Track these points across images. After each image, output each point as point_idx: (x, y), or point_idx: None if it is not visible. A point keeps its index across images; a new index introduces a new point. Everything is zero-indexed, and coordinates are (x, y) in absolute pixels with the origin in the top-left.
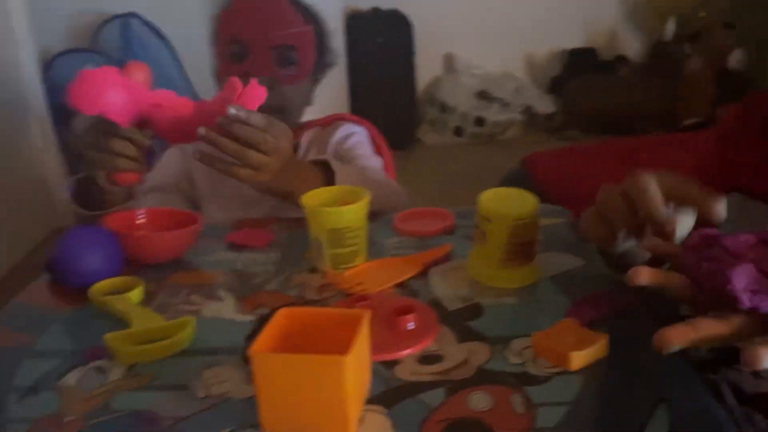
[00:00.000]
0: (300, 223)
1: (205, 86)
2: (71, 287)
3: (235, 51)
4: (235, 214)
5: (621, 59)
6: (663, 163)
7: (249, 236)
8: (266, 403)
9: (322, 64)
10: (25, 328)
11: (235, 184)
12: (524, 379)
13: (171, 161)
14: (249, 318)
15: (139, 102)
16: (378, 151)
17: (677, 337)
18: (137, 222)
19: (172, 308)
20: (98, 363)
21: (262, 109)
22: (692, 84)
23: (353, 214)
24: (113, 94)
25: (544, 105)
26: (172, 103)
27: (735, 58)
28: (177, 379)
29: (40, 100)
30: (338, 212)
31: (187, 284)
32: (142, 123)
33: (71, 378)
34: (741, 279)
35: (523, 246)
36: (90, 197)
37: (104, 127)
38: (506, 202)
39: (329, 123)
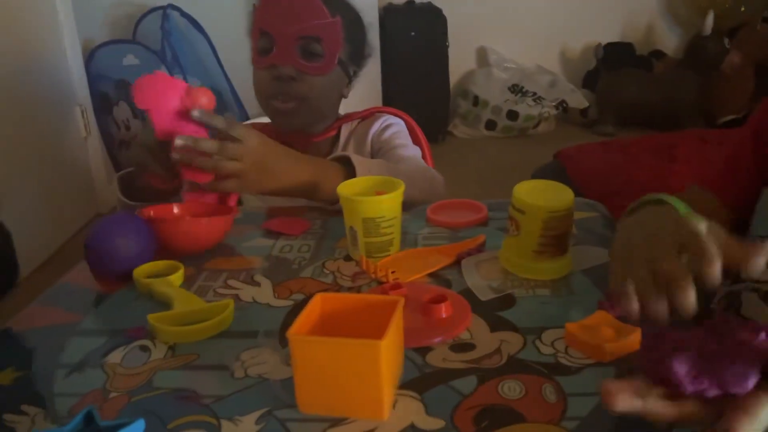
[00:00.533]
0: (334, 213)
1: (242, 78)
2: (104, 275)
3: (262, 43)
4: (274, 203)
5: (657, 54)
6: (698, 159)
7: (285, 224)
8: (302, 385)
9: (358, 57)
10: (72, 308)
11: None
12: (556, 369)
13: None
14: (285, 303)
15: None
16: (416, 142)
17: (623, 401)
18: (175, 213)
19: (211, 291)
20: (141, 342)
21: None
22: (730, 80)
23: (388, 203)
24: (169, 103)
25: (578, 99)
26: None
27: None
28: (216, 359)
29: (83, 90)
30: (373, 201)
31: (225, 269)
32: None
33: (116, 356)
34: (682, 365)
35: (556, 238)
36: (135, 189)
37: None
38: (541, 194)
39: (368, 116)
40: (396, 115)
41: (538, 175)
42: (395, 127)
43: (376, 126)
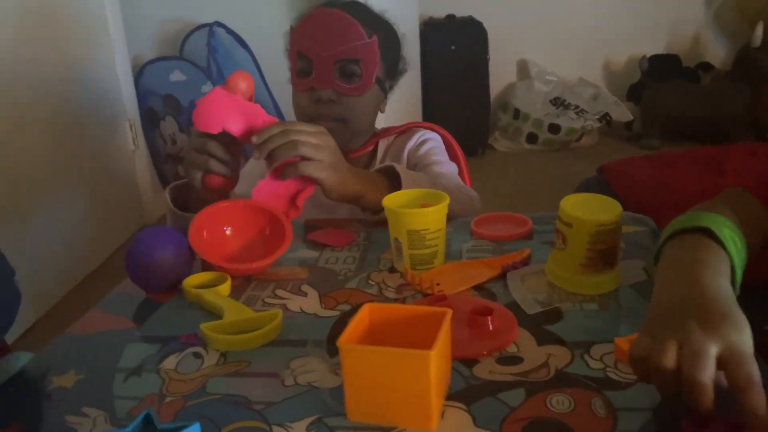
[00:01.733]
0: (378, 225)
1: (285, 93)
2: (145, 288)
3: (301, 65)
4: (309, 215)
5: (704, 65)
6: (748, 173)
7: (330, 235)
8: (352, 393)
9: (394, 72)
10: (128, 315)
11: (320, 191)
12: (605, 384)
13: (253, 170)
14: (331, 313)
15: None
16: (453, 158)
17: None
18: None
19: (259, 301)
20: (194, 349)
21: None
22: None
23: (433, 216)
24: (228, 116)
25: (622, 112)
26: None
27: None
28: (267, 367)
29: (131, 105)
30: (418, 214)
31: (272, 279)
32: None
33: (170, 362)
34: None
35: (604, 252)
36: (187, 200)
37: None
38: (588, 208)
39: (404, 131)
40: (433, 130)
41: (582, 189)
42: (432, 143)
43: (413, 141)
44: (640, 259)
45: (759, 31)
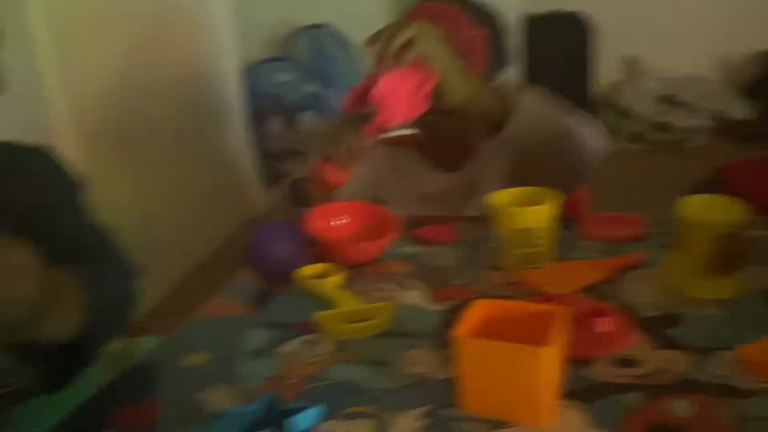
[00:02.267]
0: (482, 222)
1: None
2: (265, 276)
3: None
4: (411, 210)
5: None
6: None
7: (434, 232)
8: (466, 386)
9: (497, 64)
10: (247, 302)
11: (416, 181)
12: (729, 391)
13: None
14: (439, 308)
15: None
16: None
17: None
18: (335, 223)
19: (368, 294)
20: (310, 337)
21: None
22: None
23: (542, 215)
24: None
25: (739, 110)
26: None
27: None
28: (379, 356)
29: (240, 104)
30: (527, 212)
31: (380, 273)
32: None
33: (289, 347)
34: None
35: (728, 256)
36: (300, 196)
37: (343, 123)
38: (711, 209)
39: None
40: None
41: (696, 192)
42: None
43: None
44: (766, 265)
45: None
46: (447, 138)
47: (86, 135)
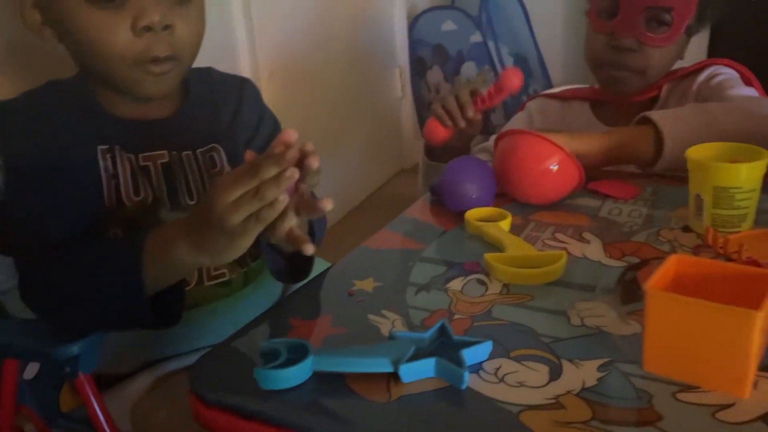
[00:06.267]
0: (667, 181)
1: (551, 48)
2: (452, 209)
3: (606, 6)
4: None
5: None
6: None
7: (613, 186)
8: (653, 343)
9: (703, 17)
10: (413, 237)
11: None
12: None
13: (517, 123)
14: (618, 263)
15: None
16: None
17: None
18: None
19: (539, 241)
20: (478, 276)
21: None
22: None
23: (747, 173)
24: None
25: None
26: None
27: None
28: (551, 304)
29: (403, 53)
30: (730, 169)
31: (551, 222)
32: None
33: (456, 284)
34: None
35: None
36: (429, 150)
37: (456, 89)
38: None
39: (696, 70)
40: (731, 66)
41: None
42: (725, 76)
43: (703, 76)
44: None
45: None
46: (623, 94)
47: (263, 77)
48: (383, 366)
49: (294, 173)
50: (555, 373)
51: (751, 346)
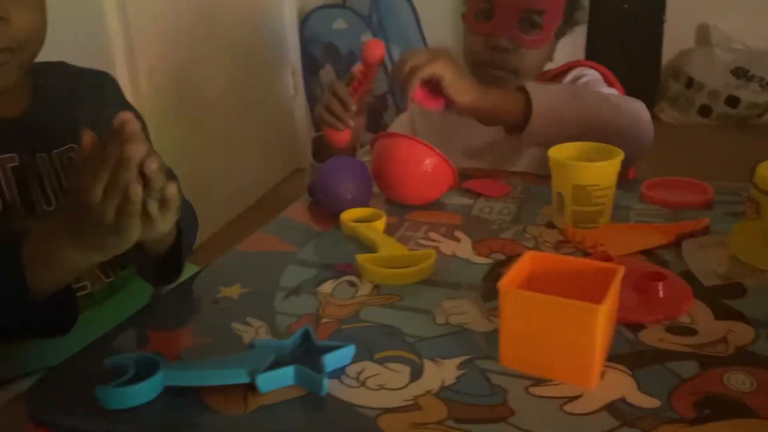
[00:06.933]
0: (535, 179)
1: (442, 44)
2: (328, 210)
3: (482, 9)
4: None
5: None
6: None
7: (485, 185)
8: (508, 339)
9: (570, 23)
10: (289, 239)
11: (460, 138)
12: None
13: (399, 125)
14: (485, 260)
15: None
16: None
17: None
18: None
19: (412, 241)
20: (349, 278)
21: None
22: None
23: (603, 171)
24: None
25: None
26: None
27: None
28: (418, 303)
29: (295, 51)
30: (587, 168)
31: (425, 222)
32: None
33: (327, 286)
34: None
35: None
36: (320, 152)
37: (331, 88)
38: None
39: (562, 71)
40: (593, 68)
41: None
42: (589, 77)
43: (569, 77)
44: None
45: None
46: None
47: (143, 73)
48: (239, 377)
49: (135, 150)
50: (416, 374)
51: (595, 338)
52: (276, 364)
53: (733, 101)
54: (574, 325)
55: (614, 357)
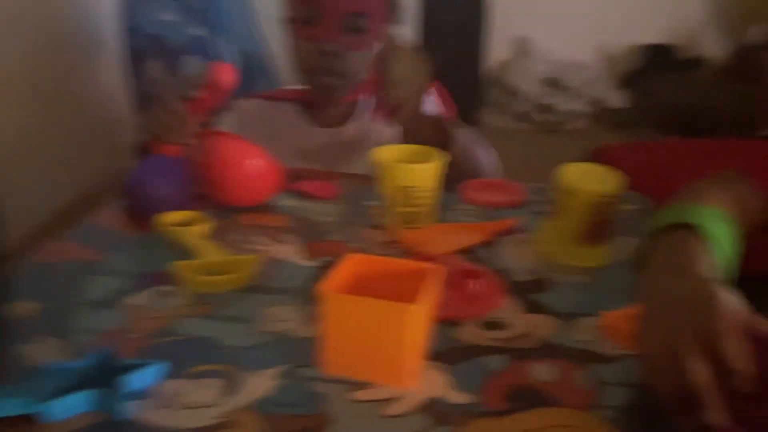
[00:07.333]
0: (367, 180)
1: (280, 44)
2: (141, 213)
3: (304, 12)
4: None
5: (701, 60)
6: (744, 167)
7: (316, 187)
8: (328, 344)
9: (392, 22)
10: (95, 246)
11: (293, 140)
12: (590, 357)
13: (226, 124)
14: (312, 264)
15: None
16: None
17: None
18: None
19: (237, 245)
20: (164, 288)
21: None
22: None
23: (426, 173)
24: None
25: (616, 99)
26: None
27: None
28: (239, 311)
29: (114, 43)
30: (412, 170)
31: (253, 225)
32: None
33: (138, 298)
34: None
35: (600, 225)
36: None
37: (164, 100)
38: (589, 178)
39: None
40: None
41: None
42: (428, 101)
43: None
44: (632, 237)
45: (757, 29)
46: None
47: None
48: (18, 407)
49: None
50: (233, 388)
51: (408, 338)
52: (67, 389)
53: (547, 109)
54: (388, 326)
55: (433, 355)
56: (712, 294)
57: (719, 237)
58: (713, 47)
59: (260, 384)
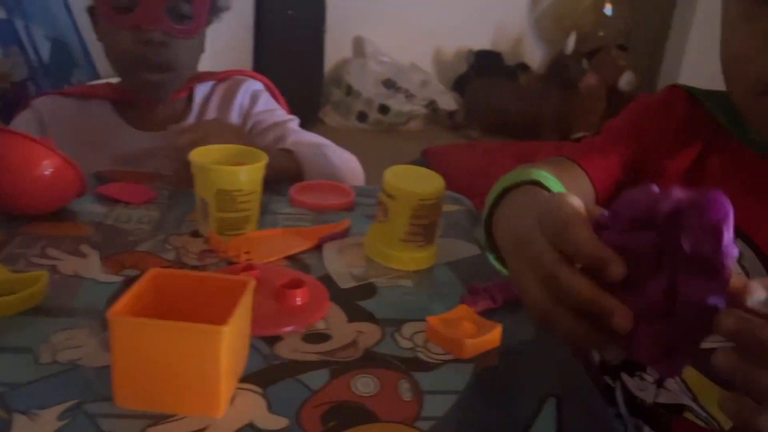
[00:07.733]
0: (186, 183)
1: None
2: None
3: (121, 1)
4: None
5: (523, 66)
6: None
7: (124, 190)
8: (122, 374)
9: (215, 8)
10: None
11: (109, 145)
12: (414, 365)
13: (21, 124)
14: (114, 279)
15: None
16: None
17: None
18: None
19: (23, 260)
20: None
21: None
22: (586, 99)
23: (248, 175)
24: None
25: (447, 101)
26: None
27: (625, 80)
28: (18, 340)
29: None
30: (231, 172)
31: (45, 235)
32: None
33: None
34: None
35: (425, 227)
36: None
37: None
38: (412, 180)
39: (226, 78)
40: (256, 78)
41: None
42: (264, 97)
43: (242, 95)
44: (456, 238)
45: (571, 40)
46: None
47: None
48: None
49: None
50: None
51: (221, 363)
52: None
53: (384, 109)
54: (195, 351)
55: (247, 376)
56: (548, 198)
57: (556, 187)
58: (534, 55)
59: (42, 426)
